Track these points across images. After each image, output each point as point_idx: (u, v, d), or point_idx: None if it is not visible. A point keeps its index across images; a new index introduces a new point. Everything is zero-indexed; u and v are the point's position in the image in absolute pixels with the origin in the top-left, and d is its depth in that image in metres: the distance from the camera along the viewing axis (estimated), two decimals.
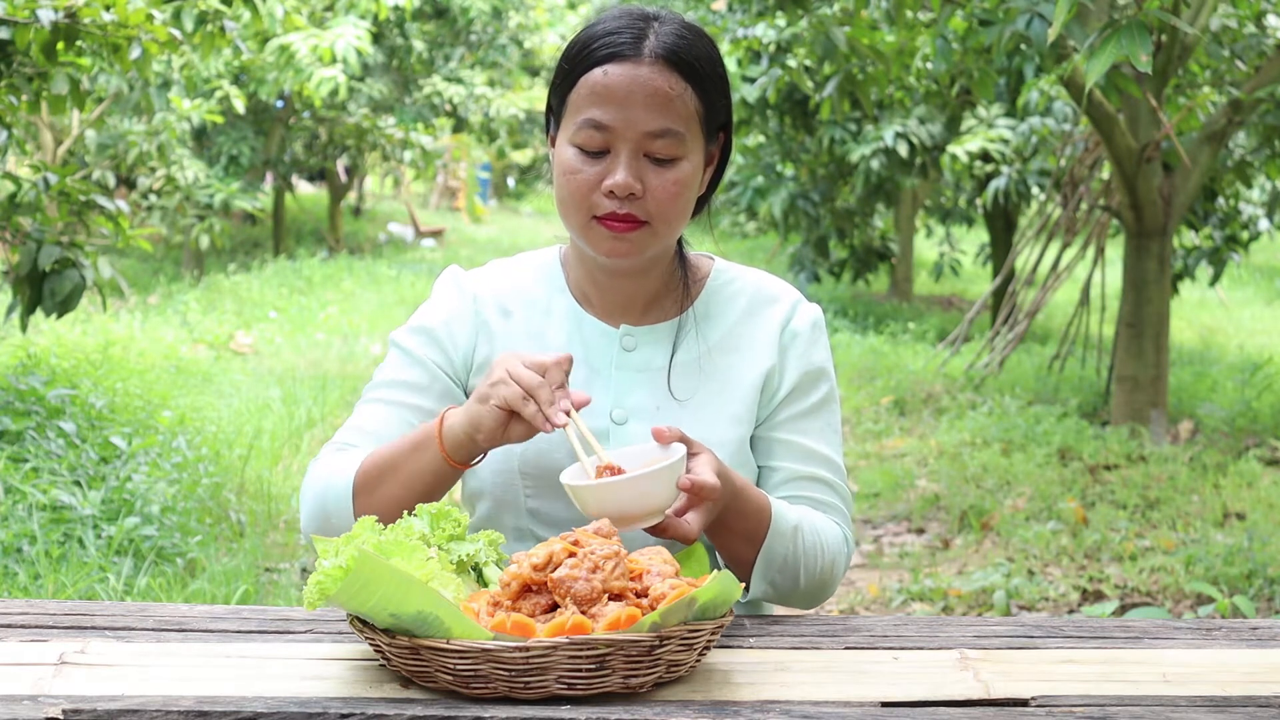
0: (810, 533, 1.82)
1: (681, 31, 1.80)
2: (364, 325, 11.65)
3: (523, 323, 1.90)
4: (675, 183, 1.78)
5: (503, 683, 1.40)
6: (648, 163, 1.78)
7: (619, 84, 1.76)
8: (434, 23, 18.45)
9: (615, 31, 1.79)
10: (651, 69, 1.77)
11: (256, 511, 5.66)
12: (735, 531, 1.77)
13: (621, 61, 1.77)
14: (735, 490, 1.73)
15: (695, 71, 1.79)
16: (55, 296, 4.96)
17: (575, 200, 1.79)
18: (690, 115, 1.79)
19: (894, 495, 6.64)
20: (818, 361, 1.91)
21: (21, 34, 4.75)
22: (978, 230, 17.19)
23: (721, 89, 1.84)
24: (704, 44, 1.82)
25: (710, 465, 1.67)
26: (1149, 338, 7.45)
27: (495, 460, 1.84)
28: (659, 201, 1.78)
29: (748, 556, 1.80)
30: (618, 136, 1.77)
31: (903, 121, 11.41)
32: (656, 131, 1.77)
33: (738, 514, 1.75)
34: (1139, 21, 3.88)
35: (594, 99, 1.77)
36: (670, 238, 1.84)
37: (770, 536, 1.78)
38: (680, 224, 1.83)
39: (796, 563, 1.81)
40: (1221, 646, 1.64)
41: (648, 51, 1.77)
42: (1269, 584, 4.92)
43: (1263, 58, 7.77)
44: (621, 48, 1.77)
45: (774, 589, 1.83)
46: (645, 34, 1.79)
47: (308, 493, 1.82)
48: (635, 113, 1.76)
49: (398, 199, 25.76)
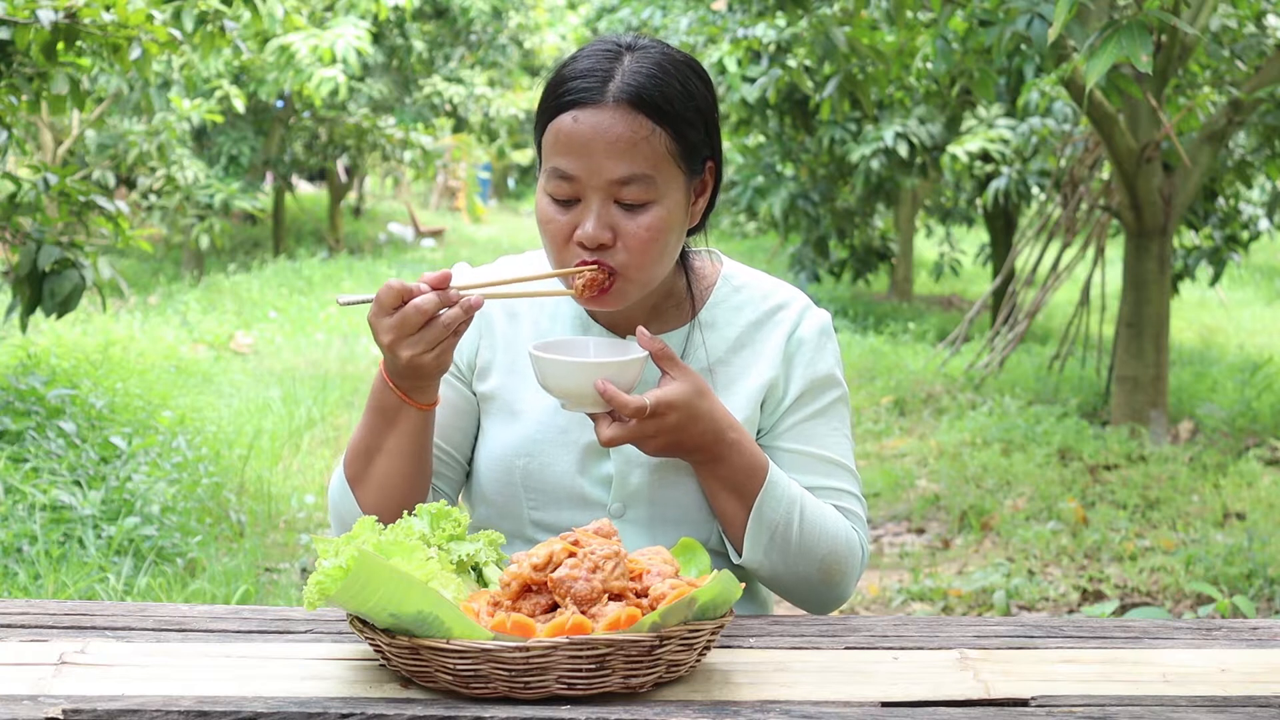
0: (813, 514, 1.79)
1: (652, 70, 1.73)
2: (364, 325, 11.63)
3: (529, 324, 1.90)
4: (648, 229, 1.73)
5: (503, 683, 1.40)
6: (619, 210, 1.73)
7: (580, 132, 1.71)
8: (434, 23, 18.45)
9: (583, 74, 1.73)
10: (614, 115, 1.71)
11: (256, 511, 5.66)
12: (719, 478, 1.76)
13: (583, 107, 1.71)
14: (717, 434, 1.73)
15: (664, 111, 1.72)
16: (55, 297, 4.96)
17: (553, 250, 1.78)
18: (660, 156, 1.73)
19: (894, 495, 6.64)
20: (824, 369, 1.88)
21: (21, 34, 4.75)
22: (978, 230, 17.19)
23: (699, 122, 1.76)
24: (680, 77, 1.75)
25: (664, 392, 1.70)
26: (1149, 338, 7.45)
27: (497, 474, 1.85)
28: (631, 251, 1.74)
29: (737, 515, 1.77)
30: (584, 186, 1.73)
31: (903, 121, 11.41)
32: (623, 179, 1.71)
33: (719, 460, 1.74)
34: (1139, 22, 3.88)
35: (559, 148, 1.73)
36: (651, 281, 1.79)
37: (763, 498, 1.75)
38: (660, 266, 1.78)
39: (792, 538, 1.77)
40: (1221, 646, 1.64)
41: (610, 96, 1.71)
42: (1269, 584, 4.92)
43: (1263, 58, 7.77)
44: (585, 94, 1.71)
45: (770, 565, 1.79)
46: (612, 74, 1.72)
47: (330, 507, 1.86)
48: (598, 161, 1.71)
49: (398, 199, 25.76)
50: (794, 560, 1.78)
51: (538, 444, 1.83)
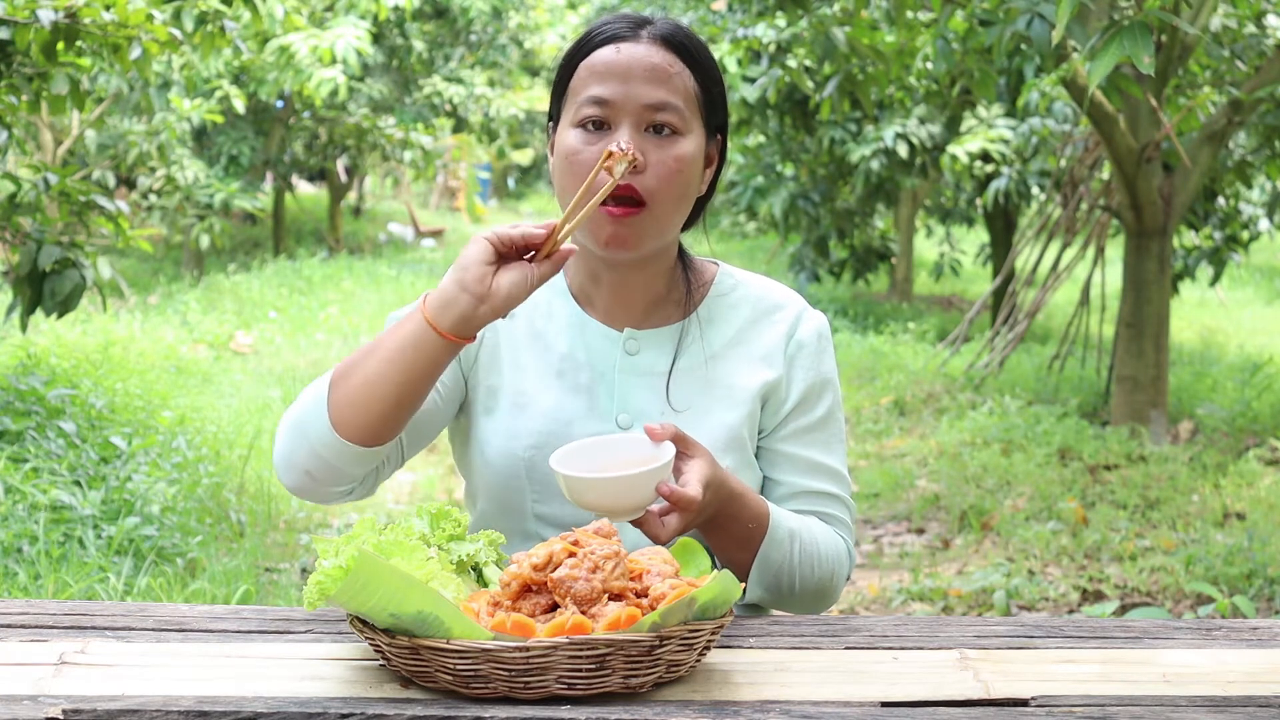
0: (809, 542, 1.82)
1: (677, 26, 1.87)
2: (364, 325, 11.65)
3: (525, 324, 1.91)
4: (676, 159, 1.80)
5: (503, 683, 1.40)
6: (649, 138, 1.80)
7: (619, 60, 1.81)
8: (434, 23, 18.45)
9: (612, 22, 1.86)
10: (650, 47, 1.82)
11: (256, 511, 5.66)
12: (730, 535, 1.77)
13: (620, 41, 1.82)
14: (730, 495, 1.73)
15: (692, 55, 1.84)
16: (55, 296, 4.96)
17: (578, 183, 1.77)
18: (689, 94, 1.83)
19: (894, 495, 6.64)
20: (824, 373, 1.91)
21: (21, 34, 4.75)
22: (978, 230, 17.18)
23: (716, 82, 1.88)
24: (699, 41, 1.87)
25: (700, 473, 1.67)
26: (1149, 338, 7.45)
27: (502, 465, 1.85)
28: (659, 178, 1.79)
29: (743, 561, 1.80)
30: (619, 110, 1.79)
31: (903, 122, 11.41)
32: (657, 104, 1.80)
33: (732, 518, 1.75)
34: (1141, 22, 3.88)
35: (594, 78, 1.81)
36: (669, 226, 1.83)
37: (766, 543, 1.78)
38: (679, 209, 1.83)
39: (792, 571, 1.81)
40: (1221, 646, 1.64)
41: (646, 33, 1.84)
42: (1269, 584, 4.92)
43: (1263, 58, 7.77)
44: (620, 31, 1.84)
45: (770, 594, 1.83)
46: (643, 23, 1.85)
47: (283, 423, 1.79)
48: (636, 87, 1.80)
49: (398, 199, 25.75)
50: (788, 586, 1.82)
51: (545, 436, 1.84)
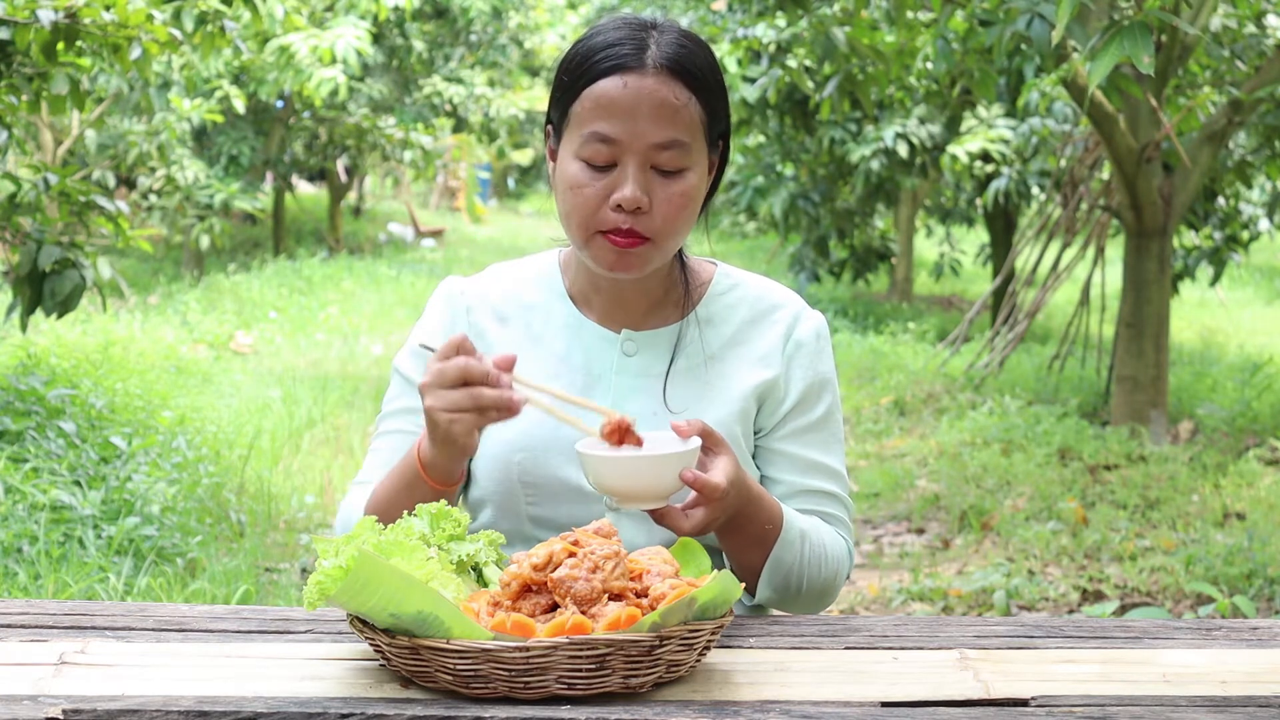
0: (816, 543, 1.83)
1: (682, 40, 1.79)
2: (364, 325, 11.65)
3: (521, 328, 1.91)
4: (682, 195, 1.77)
5: (503, 683, 1.40)
6: (654, 175, 1.76)
7: (624, 96, 1.74)
8: (434, 23, 18.45)
9: (616, 43, 1.77)
10: (656, 79, 1.75)
11: (256, 511, 5.66)
12: (746, 535, 1.77)
13: (625, 73, 1.75)
14: (750, 496, 1.73)
15: (698, 80, 1.78)
16: (55, 296, 4.96)
17: (581, 215, 1.77)
18: (695, 125, 1.77)
19: (894, 495, 6.64)
20: (823, 372, 1.91)
21: (21, 34, 4.75)
22: (978, 230, 17.18)
23: (722, 96, 1.83)
24: (704, 52, 1.81)
25: (725, 469, 1.67)
26: (1149, 338, 7.45)
27: (495, 471, 1.85)
28: (664, 216, 1.77)
29: (756, 562, 1.80)
30: (625, 149, 1.75)
31: (903, 122, 11.41)
32: (664, 143, 1.75)
33: (750, 519, 1.75)
34: (1141, 22, 3.88)
35: (599, 112, 1.75)
36: (673, 250, 1.83)
37: (779, 544, 1.79)
38: (684, 236, 1.83)
39: (801, 571, 1.81)
40: (1221, 646, 1.64)
41: (651, 62, 1.75)
42: (1269, 584, 4.92)
43: (1263, 58, 7.77)
44: (624, 59, 1.75)
45: (777, 594, 1.83)
46: (646, 44, 1.77)
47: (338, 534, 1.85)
48: (642, 125, 1.74)
49: (398, 199, 25.75)
50: (796, 587, 1.83)
51: (534, 440, 1.84)
